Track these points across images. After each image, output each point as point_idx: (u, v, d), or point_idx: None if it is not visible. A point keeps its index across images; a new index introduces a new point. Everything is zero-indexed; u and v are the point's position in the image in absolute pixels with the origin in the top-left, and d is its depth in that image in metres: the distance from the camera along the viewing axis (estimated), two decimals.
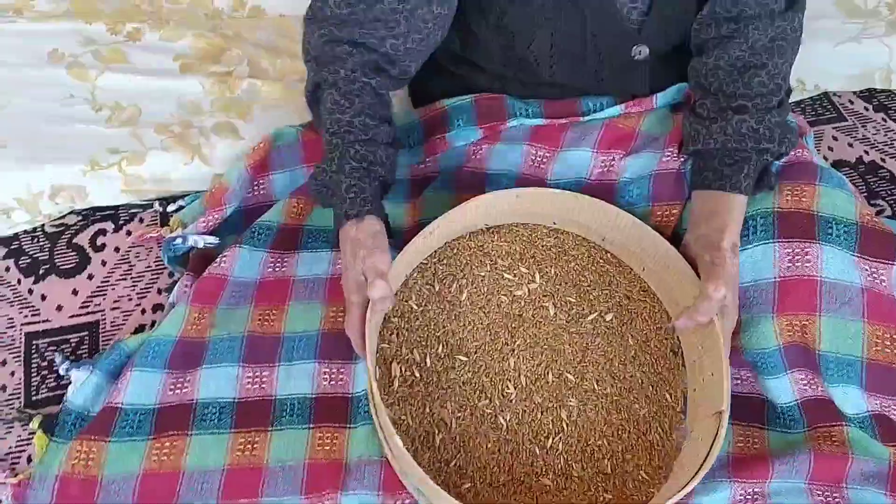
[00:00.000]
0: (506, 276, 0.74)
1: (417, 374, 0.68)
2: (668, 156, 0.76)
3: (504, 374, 0.69)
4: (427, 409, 0.66)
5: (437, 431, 0.65)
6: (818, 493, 0.66)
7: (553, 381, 0.69)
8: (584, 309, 0.73)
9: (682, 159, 0.76)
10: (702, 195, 0.72)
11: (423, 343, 0.69)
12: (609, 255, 0.76)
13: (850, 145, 0.93)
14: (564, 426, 0.67)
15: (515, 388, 0.68)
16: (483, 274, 0.74)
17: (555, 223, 0.77)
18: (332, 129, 0.69)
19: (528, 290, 0.73)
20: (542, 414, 0.67)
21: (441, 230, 0.71)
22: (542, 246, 0.76)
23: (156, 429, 0.67)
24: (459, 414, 0.66)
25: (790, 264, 0.69)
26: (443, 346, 0.69)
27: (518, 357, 0.70)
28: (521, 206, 0.74)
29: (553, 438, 0.66)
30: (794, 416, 0.69)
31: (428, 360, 0.68)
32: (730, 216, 0.69)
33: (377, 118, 0.70)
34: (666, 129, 0.79)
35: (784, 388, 0.69)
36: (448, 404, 0.67)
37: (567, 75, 0.77)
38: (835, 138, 0.94)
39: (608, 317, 0.72)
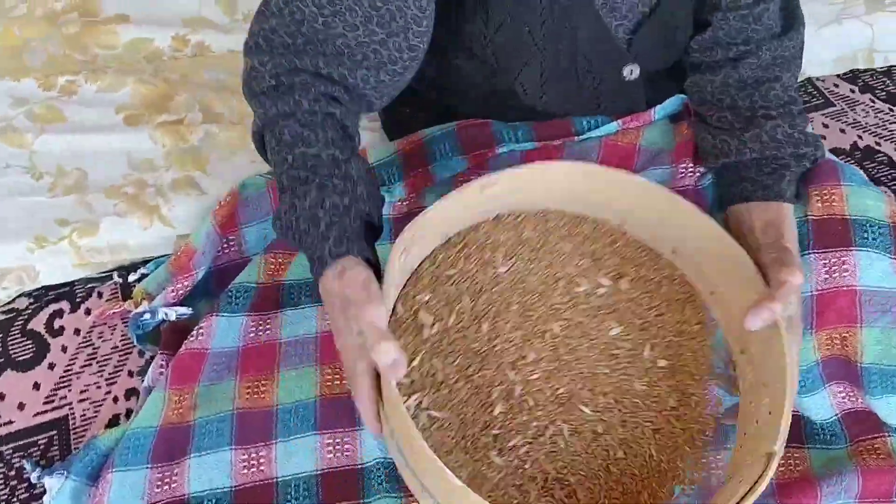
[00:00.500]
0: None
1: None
2: (682, 172, 0.73)
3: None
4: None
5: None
6: None
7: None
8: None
9: (698, 174, 0.73)
10: (740, 210, 0.67)
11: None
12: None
13: (843, 131, 0.91)
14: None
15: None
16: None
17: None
18: (296, 165, 0.61)
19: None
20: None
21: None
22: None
23: None
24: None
25: (827, 276, 0.66)
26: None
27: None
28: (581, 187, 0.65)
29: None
30: (835, 430, 0.66)
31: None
32: (783, 226, 0.64)
33: (347, 151, 0.63)
34: (669, 142, 0.75)
35: (822, 404, 0.66)
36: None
37: (559, 104, 0.74)
38: (825, 125, 0.92)
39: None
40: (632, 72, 0.72)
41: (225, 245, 0.76)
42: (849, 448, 0.66)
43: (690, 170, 0.73)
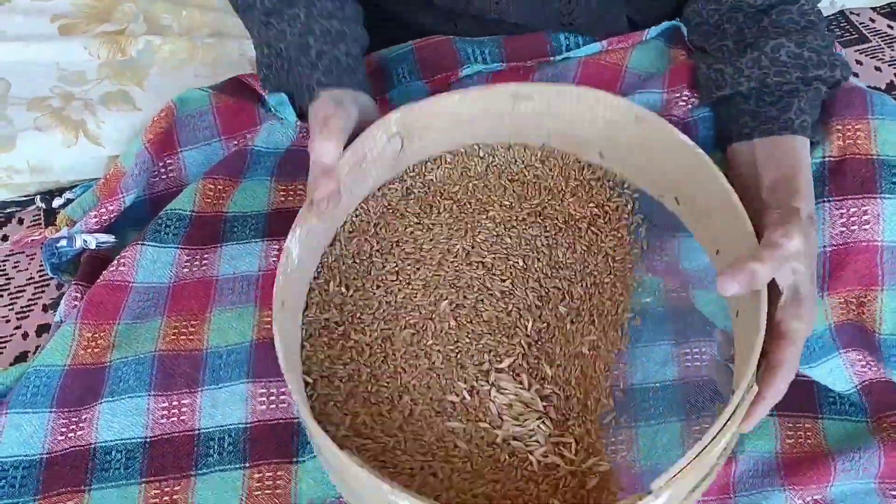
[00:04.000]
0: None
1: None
2: (675, 99, 0.66)
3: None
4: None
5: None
6: (893, 493, 0.57)
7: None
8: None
9: (692, 105, 0.66)
10: (741, 151, 0.61)
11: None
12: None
13: (878, 69, 0.85)
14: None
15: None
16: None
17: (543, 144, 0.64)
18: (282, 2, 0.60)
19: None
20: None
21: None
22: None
23: (44, 486, 0.57)
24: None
25: (844, 229, 0.59)
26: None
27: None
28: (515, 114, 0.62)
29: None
30: (854, 401, 0.60)
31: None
32: (792, 168, 0.57)
33: None
34: (661, 65, 0.69)
35: (838, 373, 0.59)
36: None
37: (519, 12, 0.68)
38: (859, 62, 0.86)
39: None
40: None
41: (162, 170, 0.71)
42: (870, 423, 0.59)
43: (685, 97, 0.66)
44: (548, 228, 0.62)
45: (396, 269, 0.60)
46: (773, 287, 0.51)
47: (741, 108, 0.62)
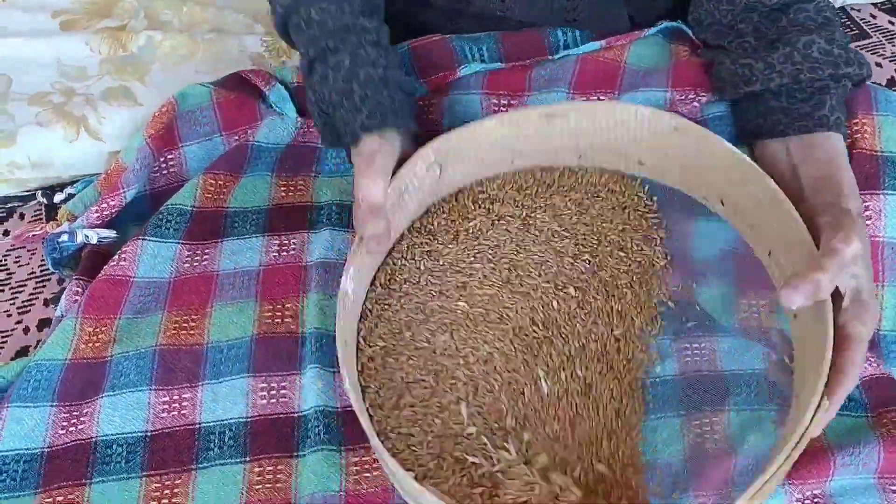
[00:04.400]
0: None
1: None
2: (681, 98, 0.65)
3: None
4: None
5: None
6: (892, 488, 0.56)
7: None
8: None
9: (702, 102, 0.65)
10: (774, 147, 0.60)
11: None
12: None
13: (879, 65, 0.85)
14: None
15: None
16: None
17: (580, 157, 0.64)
18: (325, 35, 0.61)
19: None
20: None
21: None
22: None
23: (45, 480, 0.56)
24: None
25: None
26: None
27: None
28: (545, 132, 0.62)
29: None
30: (854, 396, 0.59)
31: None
32: (833, 166, 0.56)
33: (376, 20, 0.63)
34: (662, 61, 0.68)
35: None
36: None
37: (523, 10, 0.68)
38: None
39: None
40: None
41: (163, 165, 0.71)
42: (870, 418, 0.58)
43: (692, 96, 0.65)
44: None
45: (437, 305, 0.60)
46: (834, 291, 0.51)
47: (771, 104, 0.61)
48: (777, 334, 0.57)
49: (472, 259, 0.62)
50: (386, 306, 0.60)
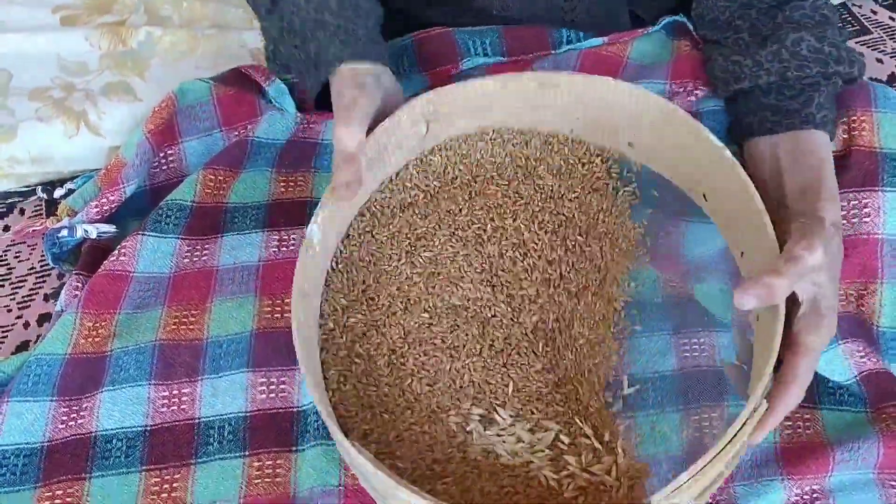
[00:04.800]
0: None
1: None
2: (678, 91, 0.65)
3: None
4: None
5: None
6: (892, 483, 0.56)
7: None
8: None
9: (697, 96, 0.65)
10: (762, 145, 0.59)
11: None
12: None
13: (880, 61, 0.84)
14: None
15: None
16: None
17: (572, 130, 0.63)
18: None
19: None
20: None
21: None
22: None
23: (44, 474, 0.56)
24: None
25: (844, 222, 0.58)
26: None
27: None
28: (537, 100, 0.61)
29: None
30: (853, 391, 0.59)
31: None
32: (817, 171, 0.56)
33: None
34: (663, 56, 0.68)
35: (837, 363, 0.59)
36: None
37: (521, 7, 0.67)
38: (861, 55, 0.82)
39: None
40: None
41: (162, 160, 0.70)
42: (870, 413, 0.58)
43: (689, 89, 0.65)
44: (549, 221, 0.61)
45: (407, 260, 0.60)
46: (792, 298, 0.50)
47: (761, 101, 0.60)
48: (738, 335, 0.56)
49: (444, 230, 0.61)
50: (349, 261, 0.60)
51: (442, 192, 0.62)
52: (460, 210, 0.62)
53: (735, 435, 0.46)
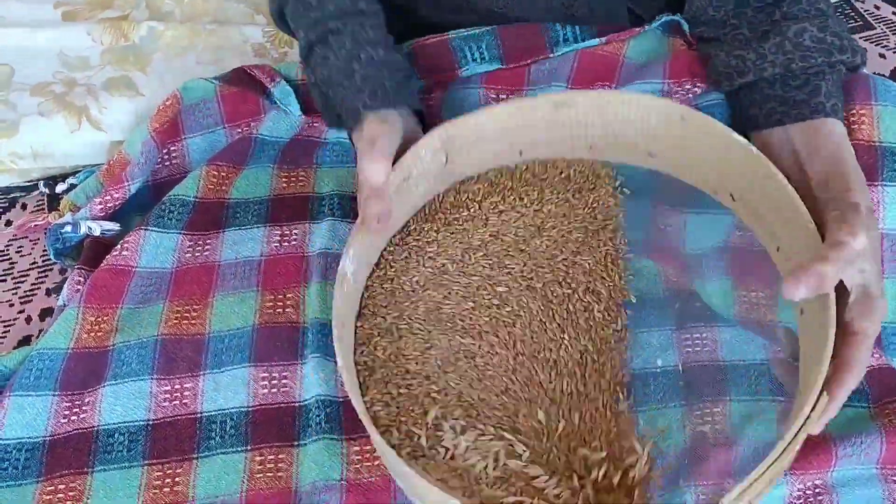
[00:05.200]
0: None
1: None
2: (677, 89, 0.65)
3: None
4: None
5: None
6: (895, 478, 0.56)
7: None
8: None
9: (697, 92, 0.65)
10: (775, 137, 0.59)
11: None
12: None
13: (883, 56, 0.84)
14: None
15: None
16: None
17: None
18: (324, 19, 0.61)
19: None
20: None
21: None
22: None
23: (46, 469, 0.56)
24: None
25: None
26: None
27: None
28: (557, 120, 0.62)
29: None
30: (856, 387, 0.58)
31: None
32: (838, 159, 0.55)
33: (374, 3, 0.63)
34: (661, 55, 0.68)
35: None
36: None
37: (522, 6, 0.67)
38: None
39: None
40: None
41: (165, 156, 0.70)
42: (872, 408, 0.58)
43: (688, 86, 0.65)
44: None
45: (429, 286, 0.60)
46: (840, 286, 0.49)
47: (766, 93, 0.60)
48: (783, 332, 0.56)
49: (472, 253, 0.62)
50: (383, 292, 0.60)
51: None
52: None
53: (801, 428, 0.46)
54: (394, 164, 0.57)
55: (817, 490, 0.56)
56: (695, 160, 0.61)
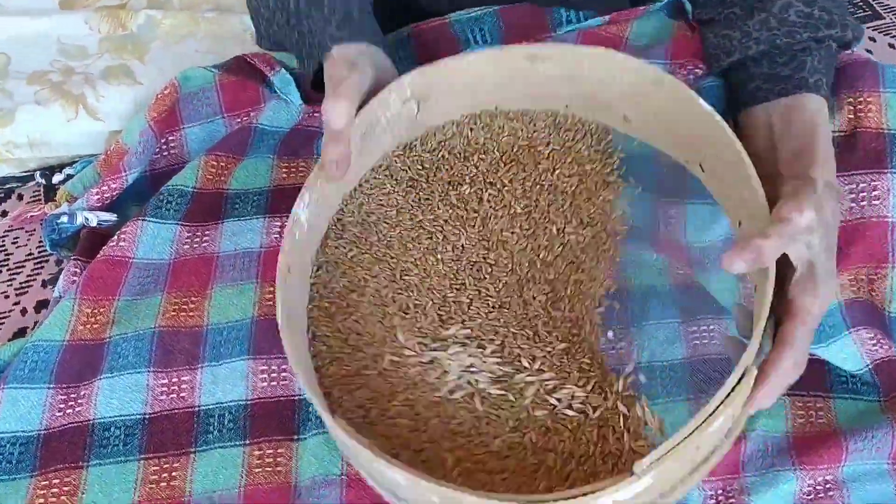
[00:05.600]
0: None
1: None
2: (678, 70, 0.64)
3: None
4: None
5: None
6: None
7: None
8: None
9: (696, 74, 0.64)
10: (756, 114, 0.58)
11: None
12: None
13: (892, 46, 0.84)
14: None
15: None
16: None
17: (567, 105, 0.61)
18: None
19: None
20: None
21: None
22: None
23: (41, 463, 0.56)
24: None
25: (853, 205, 0.57)
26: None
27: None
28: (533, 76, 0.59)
29: None
30: (866, 380, 0.58)
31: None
32: (810, 134, 0.54)
33: None
34: (663, 36, 0.67)
35: (849, 352, 0.57)
36: None
37: None
38: (872, 39, 0.85)
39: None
40: None
41: (164, 147, 0.69)
42: (883, 402, 0.58)
43: (689, 67, 0.64)
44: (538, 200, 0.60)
45: (396, 239, 0.58)
46: (788, 262, 0.48)
47: (752, 71, 0.59)
48: (736, 308, 0.54)
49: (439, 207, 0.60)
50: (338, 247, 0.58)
51: (441, 165, 0.61)
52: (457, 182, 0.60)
53: (720, 404, 0.43)
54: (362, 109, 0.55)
55: (828, 485, 0.55)
56: (667, 127, 0.59)
